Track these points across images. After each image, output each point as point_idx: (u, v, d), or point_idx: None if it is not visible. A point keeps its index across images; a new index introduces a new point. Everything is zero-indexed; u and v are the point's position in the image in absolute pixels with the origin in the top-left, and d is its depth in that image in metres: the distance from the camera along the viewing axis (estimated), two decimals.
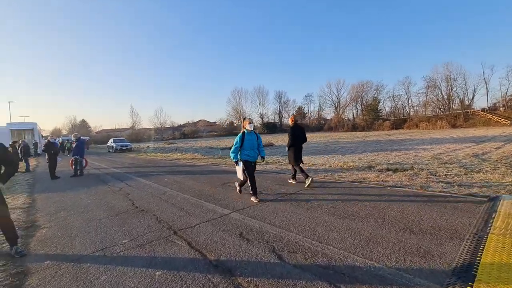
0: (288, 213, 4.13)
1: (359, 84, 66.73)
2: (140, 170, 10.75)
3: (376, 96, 65.50)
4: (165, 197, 5.68)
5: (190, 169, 10.40)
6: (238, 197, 5.27)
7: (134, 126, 73.16)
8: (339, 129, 60.89)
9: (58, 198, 6.38)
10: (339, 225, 3.50)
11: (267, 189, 5.86)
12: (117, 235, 3.69)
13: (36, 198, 6.59)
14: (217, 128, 75.32)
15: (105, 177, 9.42)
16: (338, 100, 71.30)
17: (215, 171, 9.20)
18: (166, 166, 11.99)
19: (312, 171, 8.11)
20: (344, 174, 7.26)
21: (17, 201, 6.32)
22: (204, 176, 8.19)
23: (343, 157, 12.16)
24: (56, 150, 9.85)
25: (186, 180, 7.62)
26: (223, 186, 6.44)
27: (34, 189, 7.88)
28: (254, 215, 4.14)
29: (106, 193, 6.55)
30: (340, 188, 5.68)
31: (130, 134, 61.60)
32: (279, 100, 77.49)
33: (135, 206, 5.14)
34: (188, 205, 4.92)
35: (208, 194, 5.68)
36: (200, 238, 3.36)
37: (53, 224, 4.42)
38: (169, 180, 7.78)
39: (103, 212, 4.85)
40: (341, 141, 25.14)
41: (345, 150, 15.54)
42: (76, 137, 10.06)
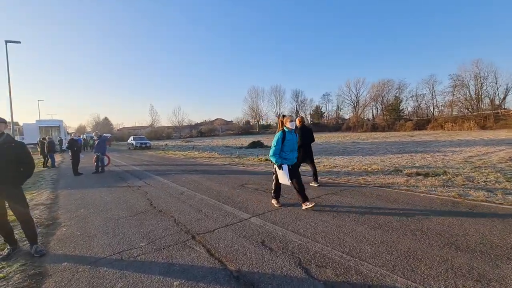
0: (312, 220, 3.84)
1: (380, 83, 64.39)
2: (158, 168, 10.82)
3: (398, 95, 62.89)
4: (183, 198, 5.56)
5: (207, 168, 10.32)
6: (257, 200, 5.04)
7: (153, 124, 75.19)
8: (357, 129, 59.09)
9: (79, 195, 6.46)
10: (371, 236, 3.17)
11: (287, 193, 5.58)
12: (134, 237, 3.58)
13: (59, 194, 6.73)
14: (233, 127, 75.66)
15: (124, 174, 9.54)
16: (357, 99, 69.28)
17: (233, 171, 9.04)
18: (183, 164, 12.01)
19: (334, 173, 7.73)
20: (369, 177, 6.83)
21: (41, 197, 6.47)
22: (222, 176, 8.04)
23: (364, 158, 11.60)
24: (78, 147, 10.12)
25: (203, 180, 7.51)
26: (241, 188, 6.23)
27: (58, 185, 8.09)
28: (275, 220, 3.89)
29: (125, 191, 6.56)
30: (367, 193, 5.28)
31: (149, 132, 63.31)
32: (296, 99, 76.61)
33: (153, 206, 5.06)
34: (206, 207, 4.76)
35: (227, 196, 5.49)
36: (219, 245, 3.16)
37: (73, 222, 4.41)
38: (187, 180, 7.70)
39: (121, 212, 4.80)
40: (361, 142, 24.28)
41: (366, 151, 14.88)
42: (97, 135, 10.29)
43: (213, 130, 72.99)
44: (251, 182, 6.83)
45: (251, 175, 7.87)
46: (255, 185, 6.48)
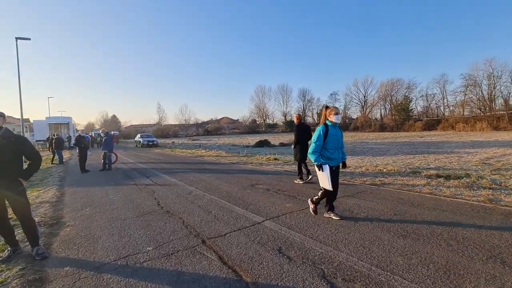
0: (331, 225, 3.55)
1: (389, 82, 63.14)
2: (165, 167, 10.65)
3: (407, 95, 61.57)
4: (191, 198, 5.33)
5: (215, 167, 10.09)
6: (270, 202, 4.76)
7: (160, 122, 75.57)
8: (365, 129, 58.14)
9: (85, 193, 6.30)
10: (401, 246, 2.86)
11: (301, 194, 5.29)
12: (141, 240, 3.35)
13: (65, 192, 6.59)
14: (239, 126, 75.51)
15: (131, 172, 9.40)
16: (365, 98, 68.11)
17: (242, 171, 8.78)
18: (191, 163, 11.82)
19: (348, 174, 7.39)
20: (385, 179, 6.47)
21: (47, 194, 6.34)
22: (231, 176, 7.79)
23: (375, 159, 11.25)
24: (86, 145, 10.02)
25: (212, 179, 7.27)
26: (252, 188, 5.96)
27: (65, 182, 7.98)
28: (291, 225, 3.61)
29: (131, 190, 6.37)
30: (387, 196, 4.95)
31: (156, 130, 63.64)
32: (303, 98, 75.88)
33: (160, 206, 4.84)
34: (216, 208, 4.51)
35: (237, 197, 5.23)
36: (232, 252, 2.90)
37: (77, 222, 4.22)
38: (195, 179, 7.47)
39: (127, 212, 4.59)
40: (369, 142, 23.78)
41: (376, 152, 14.47)
42: (104, 132, 10.17)
43: (220, 128, 72.94)
44: (261, 182, 6.56)
45: (260, 175, 7.60)
46: (266, 185, 6.21)
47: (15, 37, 15.88)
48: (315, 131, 3.83)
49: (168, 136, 61.01)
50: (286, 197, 5.07)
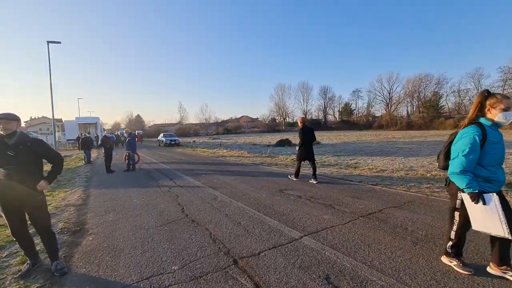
0: (387, 246, 2.98)
1: (417, 78, 59.63)
2: (188, 167, 10.46)
3: (437, 91, 57.74)
4: (217, 204, 4.95)
5: (239, 168, 9.72)
6: (305, 213, 4.25)
7: (182, 121, 77.20)
8: (390, 127, 55.38)
9: (110, 195, 6.17)
10: (489, 285, 2.25)
11: (338, 202, 4.72)
12: (165, 256, 3.00)
13: (90, 194, 6.51)
14: (259, 125, 75.22)
15: (154, 173, 9.28)
16: (390, 95, 64.90)
17: (267, 173, 8.31)
18: (213, 163, 11.56)
19: (386, 179, 6.68)
20: (434, 186, 5.70)
21: (73, 196, 6.29)
22: (257, 179, 7.35)
23: (407, 160, 10.36)
24: (111, 145, 10.07)
25: (237, 183, 6.88)
26: (281, 195, 5.48)
27: (90, 183, 7.98)
28: (336, 244, 3.08)
29: (155, 193, 6.14)
30: (443, 209, 4.25)
31: (178, 129, 65.02)
32: (324, 96, 74.02)
33: (185, 213, 4.51)
34: (246, 219, 4.08)
35: (267, 205, 4.78)
36: (270, 278, 2.44)
37: (100, 229, 3.99)
38: (219, 182, 7.13)
39: (151, 219, 4.30)
40: (397, 141, 22.38)
41: (406, 152, 13.43)
42: (128, 132, 10.17)
43: (239, 127, 73.06)
44: (291, 188, 6.06)
45: (288, 179, 7.09)
46: (297, 191, 5.70)
47: (47, 41, 16.58)
48: (461, 134, 2.31)
49: (189, 135, 62.08)
50: (322, 206, 4.53)
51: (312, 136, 6.79)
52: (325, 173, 7.85)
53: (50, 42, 16.65)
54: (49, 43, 16.57)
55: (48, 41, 16.59)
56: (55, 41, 16.79)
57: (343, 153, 14.53)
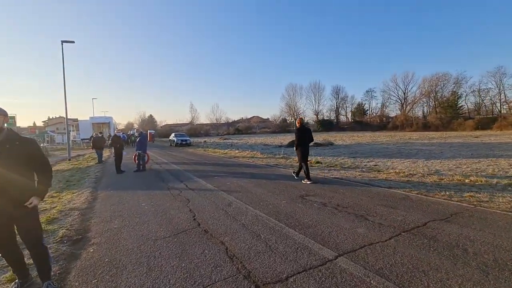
0: (449, 275, 2.35)
1: (433, 77, 57.20)
2: (199, 168, 10.03)
3: (455, 90, 55.19)
4: (232, 212, 4.45)
5: (253, 170, 9.20)
6: (334, 225, 3.68)
7: (193, 121, 77.55)
8: (405, 128, 53.47)
9: (117, 198, 5.79)
10: None
11: (371, 212, 4.11)
12: (174, 277, 2.51)
13: (98, 196, 6.17)
14: (270, 125, 74.59)
15: (165, 174, 8.91)
16: (405, 95, 62.64)
17: (284, 176, 7.73)
18: (226, 165, 11.11)
19: (419, 185, 5.99)
20: (479, 195, 4.97)
21: (79, 199, 5.95)
22: (273, 182, 6.80)
23: (430, 162, 9.66)
24: (121, 145, 9.79)
25: (252, 186, 6.36)
26: (303, 201, 4.92)
27: (99, 184, 7.68)
28: (382, 269, 2.50)
29: (164, 197, 5.72)
30: (504, 225, 3.55)
31: (189, 129, 65.33)
32: (336, 96, 72.44)
33: (196, 222, 4.03)
34: (266, 231, 3.55)
35: (288, 213, 4.23)
36: None
37: (103, 239, 3.56)
38: (232, 185, 6.63)
39: (159, 228, 3.85)
40: (415, 142, 21.38)
41: (427, 154, 12.66)
42: (139, 131, 9.86)
43: (250, 127, 72.68)
44: (313, 193, 5.48)
45: (308, 183, 6.51)
46: (320, 197, 5.12)
47: (61, 40, 16.63)
48: None
49: (200, 135, 62.25)
50: (353, 217, 3.94)
51: (310, 136, 6.82)
52: (347, 177, 7.22)
53: (64, 42, 16.72)
54: (63, 42, 16.64)
55: (62, 41, 16.65)
56: (68, 40, 16.84)
57: (358, 154, 13.87)
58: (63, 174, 10.39)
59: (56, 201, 5.81)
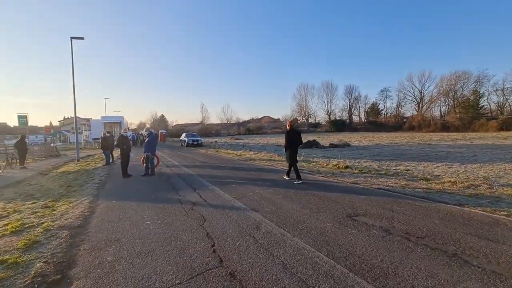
0: None
1: (453, 76, 54.27)
2: (214, 173, 8.98)
3: (477, 89, 52.06)
4: (263, 239, 3.33)
5: (275, 176, 8.04)
6: (420, 270, 2.49)
7: (203, 121, 77.16)
8: (422, 129, 50.79)
9: (119, 212, 4.79)
10: None
11: (470, 252, 2.87)
12: None
13: (97, 208, 5.20)
14: (281, 125, 73.17)
15: (175, 180, 7.91)
16: (422, 95, 59.83)
17: (316, 186, 6.47)
18: (242, 169, 10.01)
19: (498, 201, 4.69)
20: None
21: (75, 211, 5.00)
22: (305, 194, 5.62)
23: (469, 167, 8.69)
24: (128, 145, 8.87)
25: (280, 200, 5.23)
26: (355, 224, 3.73)
27: (102, 191, 6.75)
28: None
29: (174, 212, 4.67)
30: None
31: (200, 129, 64.90)
32: (349, 96, 70.24)
33: (217, 255, 2.93)
34: (319, 277, 2.40)
35: (342, 245, 3.06)
36: None
37: (89, 283, 2.52)
38: (255, 196, 5.52)
39: (167, 264, 2.78)
40: (438, 144, 19.91)
41: (459, 157, 11.41)
42: (148, 131, 8.92)
43: (261, 128, 71.55)
44: (362, 211, 4.29)
45: (350, 195, 5.32)
46: (375, 218, 3.92)
47: (70, 36, 16.06)
48: None
49: (210, 135, 61.64)
50: (444, 257, 2.71)
51: (298, 139, 6.91)
52: (393, 187, 5.96)
53: (74, 38, 16.14)
54: (72, 39, 16.06)
55: (72, 37, 16.06)
56: (78, 37, 16.24)
57: (381, 157, 12.70)
58: (67, 177, 9.60)
59: (48, 214, 4.88)
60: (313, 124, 73.13)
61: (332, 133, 54.13)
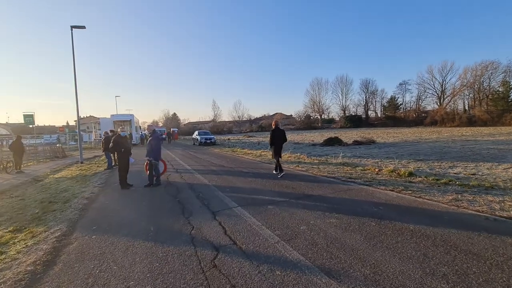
0: None
1: (478, 66, 49.84)
2: (237, 184, 6.94)
3: (507, 80, 47.45)
4: None
5: (321, 191, 5.90)
6: None
7: (215, 119, 75.61)
8: (446, 123, 46.97)
9: (93, 263, 2.88)
10: None
11: None
12: None
13: (63, 251, 3.31)
14: (293, 122, 70.67)
15: (187, 195, 5.96)
16: (443, 88, 55.57)
17: (410, 213, 4.39)
18: (270, 177, 7.94)
19: None
20: None
21: (28, 259, 3.12)
22: (409, 236, 3.52)
23: None
24: (128, 148, 7.01)
25: (365, 245, 3.14)
26: None
27: (86, 214, 4.90)
28: None
29: (183, 268, 2.70)
30: None
31: (212, 127, 63.39)
32: (365, 90, 66.64)
33: None
34: None
35: None
36: None
37: None
38: (318, 237, 3.43)
39: None
40: (477, 140, 17.45)
41: None
42: (151, 130, 6.98)
43: None
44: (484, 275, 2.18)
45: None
46: None
47: (70, 25, 14.47)
48: None
49: (222, 133, 60.00)
50: None
51: (283, 137, 7.63)
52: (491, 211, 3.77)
53: (74, 27, 14.55)
54: (72, 28, 14.47)
55: (72, 26, 14.47)
56: (79, 26, 14.63)
57: (422, 156, 10.76)
58: (58, 186, 7.89)
59: None
60: (327, 120, 70.10)
61: (349, 129, 51.21)
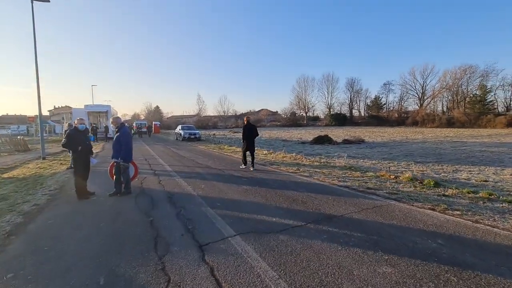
0: None
1: (457, 70, 51.76)
2: (230, 194, 5.51)
3: (484, 84, 49.34)
4: None
5: (340, 208, 4.61)
6: None
7: (200, 113, 73.14)
8: (426, 124, 48.08)
9: None
10: None
11: None
12: None
13: None
14: (279, 118, 69.88)
15: (165, 211, 4.51)
16: (423, 89, 57.32)
17: (434, 239, 3.28)
18: (274, 185, 6.61)
19: None
20: None
21: None
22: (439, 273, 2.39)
23: None
24: (85, 146, 5.39)
25: None
26: None
27: (4, 250, 3.37)
28: None
29: None
30: None
31: (196, 121, 61.08)
32: (350, 89, 66.97)
33: None
34: None
35: None
36: None
37: None
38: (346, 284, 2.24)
39: None
40: (464, 142, 17.60)
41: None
42: (118, 123, 5.37)
43: (259, 120, 67.93)
44: None
45: None
46: None
47: None
48: None
49: (207, 128, 57.95)
50: None
51: (255, 132, 8.48)
52: None
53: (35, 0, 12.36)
54: (33, 0, 12.28)
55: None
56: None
57: (418, 157, 10.39)
58: None
59: None
60: (312, 118, 69.89)
61: (334, 127, 51.06)
